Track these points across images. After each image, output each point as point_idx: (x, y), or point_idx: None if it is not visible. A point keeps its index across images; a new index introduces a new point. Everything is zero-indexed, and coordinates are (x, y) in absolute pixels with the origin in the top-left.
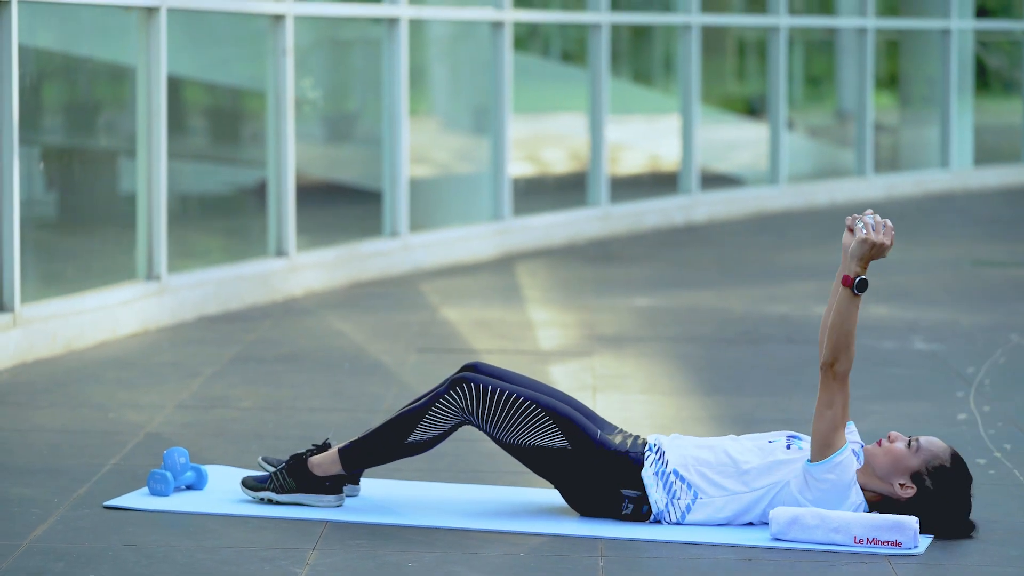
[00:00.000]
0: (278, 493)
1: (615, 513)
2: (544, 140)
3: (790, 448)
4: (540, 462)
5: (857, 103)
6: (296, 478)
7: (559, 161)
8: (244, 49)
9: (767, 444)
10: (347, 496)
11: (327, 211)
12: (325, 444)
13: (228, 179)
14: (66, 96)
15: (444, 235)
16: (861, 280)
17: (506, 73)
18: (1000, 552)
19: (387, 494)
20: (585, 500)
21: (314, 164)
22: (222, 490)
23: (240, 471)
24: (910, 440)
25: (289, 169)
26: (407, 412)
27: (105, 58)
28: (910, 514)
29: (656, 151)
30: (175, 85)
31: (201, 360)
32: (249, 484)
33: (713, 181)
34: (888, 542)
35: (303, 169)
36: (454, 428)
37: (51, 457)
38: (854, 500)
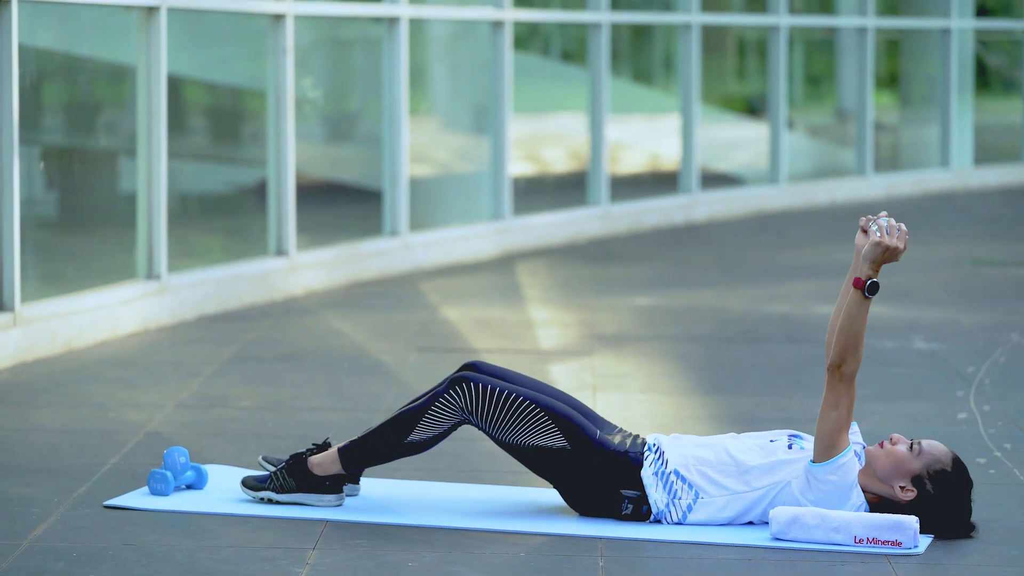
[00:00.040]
0: (278, 493)
1: (615, 513)
2: (544, 139)
3: (792, 448)
4: (539, 462)
5: (857, 102)
6: (296, 478)
7: (559, 160)
8: (244, 48)
9: (769, 443)
10: (347, 496)
11: (327, 210)
12: (325, 444)
13: (228, 178)
14: (66, 96)
15: (444, 234)
16: (872, 283)
17: (506, 72)
18: (1000, 551)
19: (387, 494)
20: (585, 500)
21: (314, 163)
22: (222, 490)
23: (240, 470)
24: (912, 443)
25: (289, 168)
26: (407, 411)
27: (105, 58)
28: (910, 515)
29: (656, 150)
30: (175, 85)
31: (201, 359)
32: (249, 484)
33: (713, 180)
34: (888, 542)
35: (303, 168)
36: (454, 427)
37: (51, 457)
38: (855, 502)
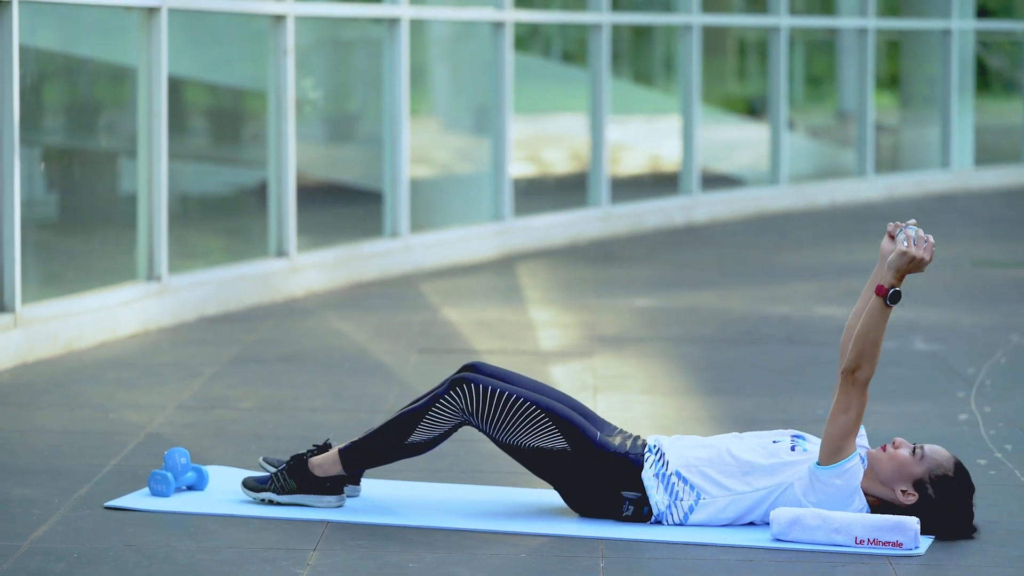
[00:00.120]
0: (279, 494)
1: (616, 515)
2: (545, 140)
3: (794, 450)
4: (540, 463)
5: (858, 103)
6: (297, 479)
7: (560, 161)
8: (245, 49)
9: (772, 444)
10: (348, 497)
11: (328, 211)
12: (326, 445)
13: (229, 179)
14: (67, 96)
15: (445, 235)
16: (895, 292)
17: (507, 73)
18: (1001, 553)
19: (388, 495)
20: (585, 502)
21: (315, 164)
22: (223, 491)
23: (241, 471)
24: (915, 447)
25: (290, 169)
26: (407, 413)
27: (106, 58)
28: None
29: (657, 151)
30: (176, 85)
31: (202, 360)
32: (250, 485)
33: (714, 181)
34: (889, 543)
35: (304, 169)
36: (454, 428)
37: (52, 458)
38: (857, 505)
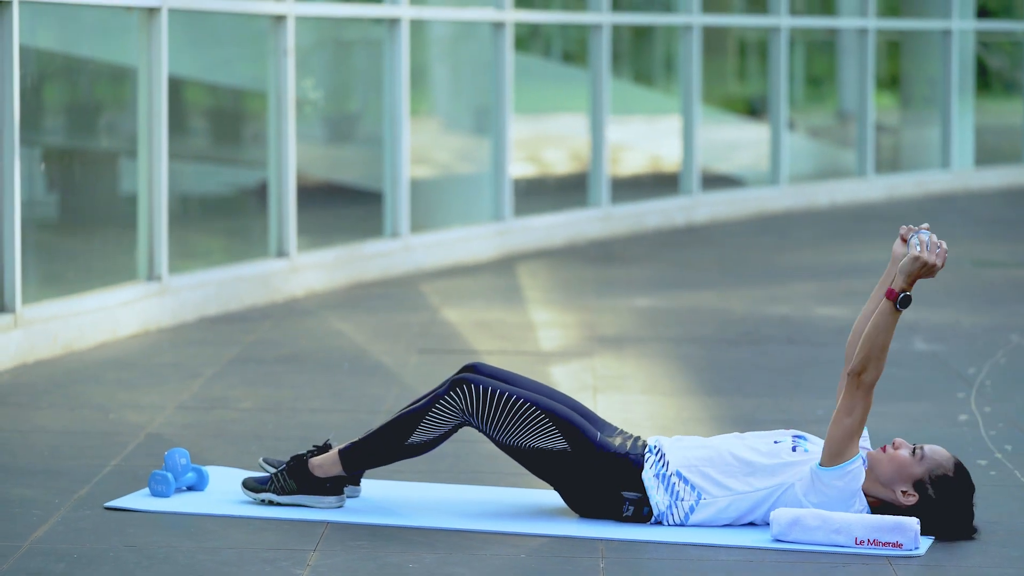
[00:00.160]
0: (279, 494)
1: (616, 515)
2: (545, 141)
3: (796, 450)
4: (540, 464)
5: (858, 104)
6: (297, 479)
7: (560, 162)
8: (245, 50)
9: (773, 445)
10: (348, 497)
11: (328, 212)
12: (326, 445)
13: (229, 180)
14: (67, 97)
15: (445, 236)
16: (905, 296)
17: (507, 73)
18: (1001, 553)
19: (388, 495)
20: (585, 502)
21: (315, 165)
22: (223, 491)
23: (241, 472)
24: (915, 448)
25: (290, 170)
26: (407, 413)
27: (106, 59)
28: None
29: (657, 152)
30: (176, 86)
31: (202, 361)
32: (250, 485)
33: (714, 182)
34: (889, 543)
35: (304, 170)
36: (454, 429)
37: (52, 458)
38: (858, 507)
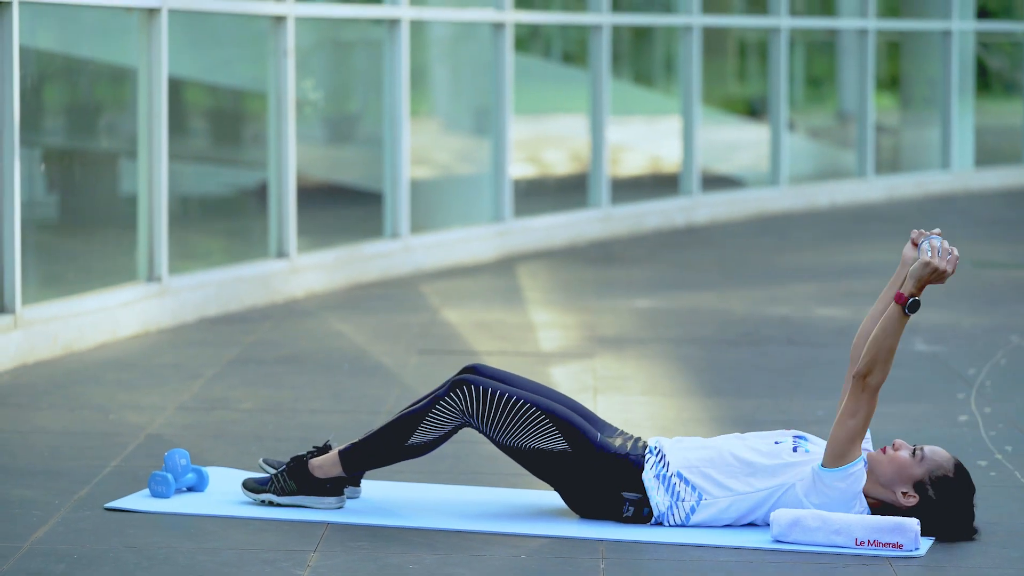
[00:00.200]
0: (279, 495)
1: (616, 516)
2: (545, 141)
3: (796, 451)
4: (540, 465)
5: (858, 104)
6: (297, 480)
7: (560, 162)
8: (245, 50)
9: (774, 445)
10: (348, 498)
11: (328, 212)
12: (326, 446)
13: (229, 180)
14: (67, 97)
15: (445, 236)
16: (914, 301)
17: (507, 74)
18: (1001, 554)
19: (388, 496)
20: (586, 503)
21: (315, 165)
22: (223, 492)
23: (241, 473)
24: (915, 449)
25: (290, 170)
26: (407, 414)
27: (106, 59)
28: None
29: (657, 152)
30: (176, 86)
31: (202, 362)
32: (250, 486)
33: (714, 182)
34: (889, 544)
35: (304, 170)
36: (454, 430)
37: (52, 459)
38: (858, 508)
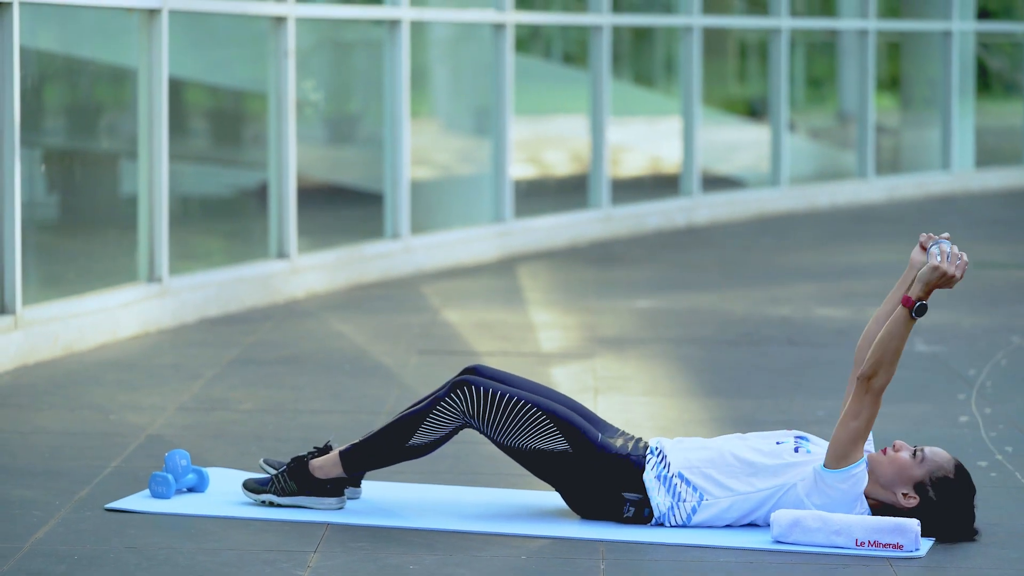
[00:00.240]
0: (279, 495)
1: (617, 516)
2: (545, 142)
3: (798, 451)
4: (541, 465)
5: (858, 105)
6: (297, 480)
7: (560, 163)
8: (246, 51)
9: (775, 446)
10: (348, 499)
11: (328, 213)
12: (326, 446)
13: (229, 181)
14: (67, 98)
15: (445, 237)
16: (921, 305)
17: (507, 75)
18: (1001, 555)
19: (388, 496)
20: (586, 503)
21: (315, 166)
22: (223, 492)
23: (241, 473)
24: (915, 450)
25: (290, 171)
26: (408, 415)
27: (107, 60)
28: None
29: (657, 153)
30: (176, 87)
31: (202, 362)
32: (250, 486)
33: (714, 183)
34: (890, 544)
35: (304, 171)
36: (455, 431)
37: (52, 459)
38: (859, 509)
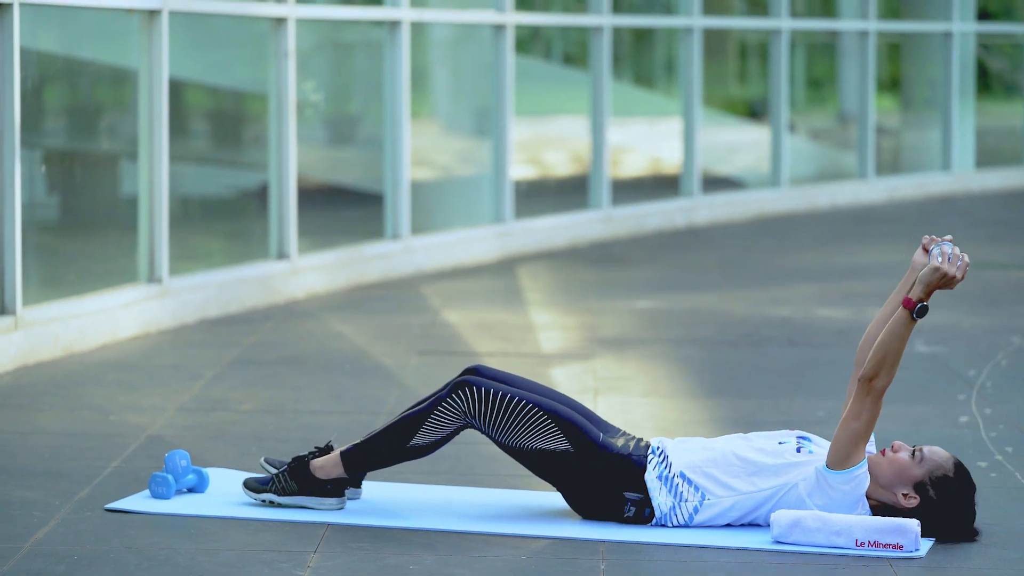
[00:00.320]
0: (280, 495)
1: (618, 516)
2: (546, 143)
3: (800, 451)
4: (542, 465)
5: (859, 106)
6: (298, 480)
7: (561, 164)
8: (246, 52)
9: (778, 446)
10: (349, 499)
11: (329, 214)
12: (327, 446)
13: (230, 182)
14: (68, 99)
15: (446, 238)
16: (922, 306)
17: (508, 76)
18: (1001, 555)
19: (388, 497)
20: (587, 503)
21: (316, 167)
22: (223, 493)
23: (241, 474)
24: (914, 450)
25: (291, 172)
26: (409, 416)
27: (107, 61)
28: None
29: (658, 154)
30: (177, 88)
31: (202, 363)
32: (251, 485)
33: (715, 183)
34: (890, 545)
35: (305, 172)
36: (456, 432)
37: (52, 460)
38: (860, 511)
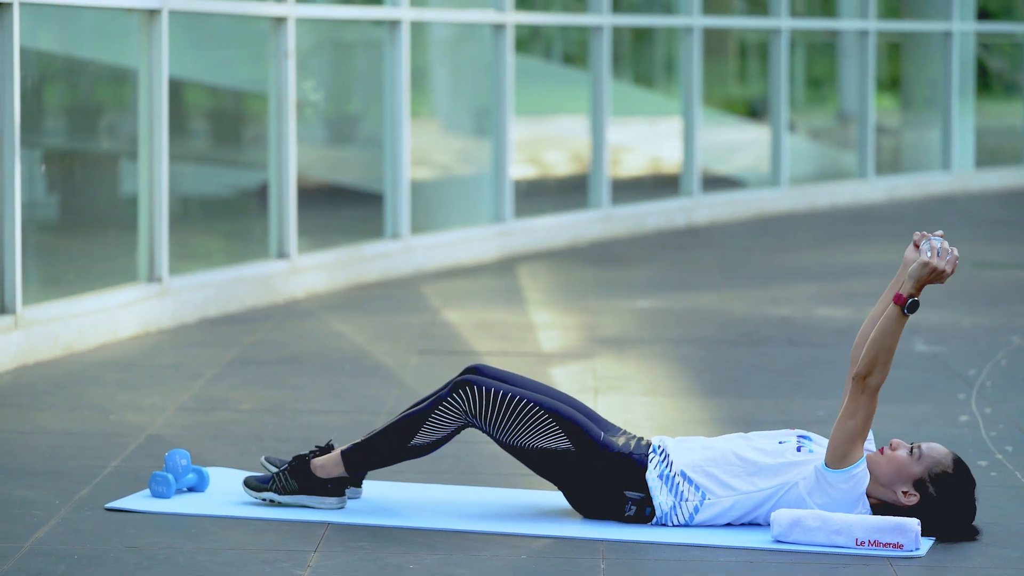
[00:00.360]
0: (280, 494)
1: (618, 515)
2: (545, 142)
3: (800, 450)
4: (543, 464)
5: (859, 105)
6: (299, 479)
7: (560, 163)
8: (246, 51)
9: (778, 445)
10: (349, 498)
11: (328, 213)
12: (328, 446)
13: (230, 181)
14: (68, 98)
15: (445, 237)
16: (913, 302)
17: (508, 75)
18: (1001, 554)
19: (389, 496)
20: (588, 502)
21: (316, 166)
22: (223, 492)
23: (241, 473)
24: (912, 447)
25: (291, 171)
26: (410, 415)
27: (107, 60)
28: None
29: (657, 153)
30: (177, 87)
31: (202, 362)
32: (251, 484)
33: (714, 183)
34: (890, 544)
35: (305, 171)
36: (457, 431)
37: (52, 459)
38: (860, 510)
